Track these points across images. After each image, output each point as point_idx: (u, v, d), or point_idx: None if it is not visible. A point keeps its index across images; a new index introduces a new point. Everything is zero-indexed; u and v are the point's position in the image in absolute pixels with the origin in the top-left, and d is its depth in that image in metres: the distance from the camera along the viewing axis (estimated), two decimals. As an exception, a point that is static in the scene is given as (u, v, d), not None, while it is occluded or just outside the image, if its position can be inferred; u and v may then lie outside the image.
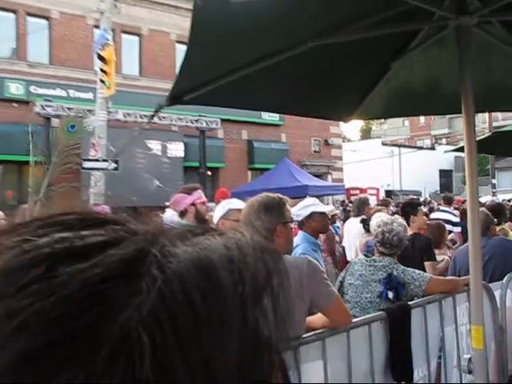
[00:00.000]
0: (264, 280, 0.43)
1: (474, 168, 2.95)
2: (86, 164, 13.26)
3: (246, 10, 2.21)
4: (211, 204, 6.05)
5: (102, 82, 13.43)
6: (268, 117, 20.74)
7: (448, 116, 41.97)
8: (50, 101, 16.47)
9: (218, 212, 4.09)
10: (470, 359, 3.22)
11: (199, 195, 4.66)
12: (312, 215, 5.06)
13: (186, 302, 0.38)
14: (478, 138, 7.40)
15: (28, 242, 0.40)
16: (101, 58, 13.18)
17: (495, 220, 6.50)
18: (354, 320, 3.48)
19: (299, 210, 5.03)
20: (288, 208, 3.09)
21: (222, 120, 19.62)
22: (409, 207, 6.39)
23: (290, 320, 0.46)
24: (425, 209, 10.54)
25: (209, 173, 20.05)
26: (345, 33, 2.93)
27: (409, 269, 4.13)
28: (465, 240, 7.07)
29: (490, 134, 7.64)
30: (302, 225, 5.03)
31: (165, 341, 0.36)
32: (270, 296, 0.43)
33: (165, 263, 0.39)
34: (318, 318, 3.20)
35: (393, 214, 8.06)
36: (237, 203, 4.06)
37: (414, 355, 3.79)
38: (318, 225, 5.15)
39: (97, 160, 13.37)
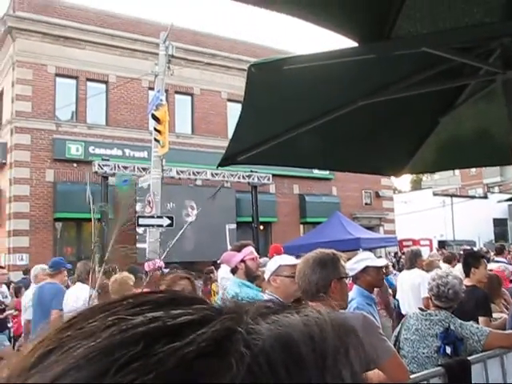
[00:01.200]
0: (342, 355, 0.46)
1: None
2: (142, 221, 13.54)
3: (297, 75, 2.32)
4: (264, 259, 6.11)
5: (157, 140, 13.84)
6: (319, 171, 20.86)
7: (501, 164, 41.10)
8: (107, 160, 17.02)
9: (269, 267, 4.14)
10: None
11: (249, 251, 4.74)
12: (366, 269, 5.05)
13: (272, 376, 0.41)
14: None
15: (124, 321, 0.43)
16: (155, 118, 13.62)
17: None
18: (412, 376, 3.43)
19: (353, 263, 5.02)
20: (342, 263, 3.12)
21: (274, 175, 19.83)
22: (471, 258, 6.29)
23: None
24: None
25: (261, 227, 20.14)
26: (392, 91, 3.01)
27: (466, 323, 4.06)
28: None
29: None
30: (356, 279, 5.02)
31: None
32: (348, 371, 0.46)
33: (250, 340, 0.42)
34: (374, 374, 3.18)
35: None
36: (288, 259, 4.11)
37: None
38: (372, 279, 5.11)
39: (152, 217, 13.65)
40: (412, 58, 2.82)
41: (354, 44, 2.19)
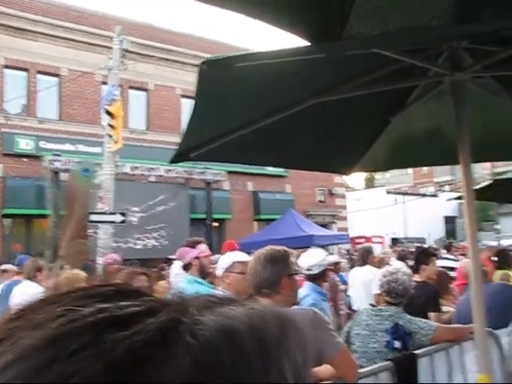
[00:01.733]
0: (284, 346, 0.49)
1: (472, 216, 3.04)
2: (93, 217, 13.36)
3: (248, 72, 2.33)
4: (217, 256, 6.11)
5: (110, 136, 13.67)
6: (273, 168, 20.97)
7: (451, 163, 42.02)
8: (58, 155, 16.70)
9: (222, 264, 4.15)
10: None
11: (203, 249, 4.74)
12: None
13: (217, 365, 0.43)
14: (478, 186, 7.53)
15: (73, 312, 0.44)
16: (108, 113, 13.46)
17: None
18: (361, 370, 3.49)
19: (314, 265, 5.06)
20: (293, 260, 3.15)
21: (228, 172, 19.82)
22: (422, 255, 6.43)
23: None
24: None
25: (215, 224, 20.13)
26: (343, 90, 3.06)
27: (415, 318, 4.16)
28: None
29: (490, 181, 7.72)
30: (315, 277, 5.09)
31: None
32: (289, 360, 0.48)
33: (196, 331, 0.44)
34: (324, 369, 3.22)
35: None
36: (241, 256, 4.13)
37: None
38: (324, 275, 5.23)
39: (104, 213, 13.48)
40: (363, 58, 2.86)
41: (307, 43, 2.22)
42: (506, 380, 4.72)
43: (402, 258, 10.74)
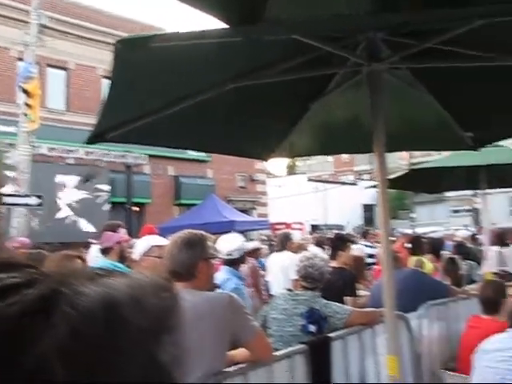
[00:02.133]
0: (162, 315, 0.50)
1: (385, 204, 3.13)
2: (7, 199, 12.87)
3: (167, 53, 2.28)
4: (135, 240, 6.03)
5: (26, 115, 13.17)
6: (194, 153, 20.83)
7: (370, 152, 43.10)
8: (-31, 134, 15.95)
9: (140, 248, 4.10)
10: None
11: (123, 232, 4.67)
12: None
13: (94, 335, 0.43)
14: (394, 175, 7.77)
15: None
16: (24, 92, 12.96)
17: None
18: (276, 353, 3.54)
19: (234, 250, 5.08)
20: (210, 244, 3.14)
21: (149, 156, 19.55)
22: (339, 241, 6.57)
23: (187, 352, 0.53)
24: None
25: (136, 208, 19.84)
26: (263, 75, 3.06)
27: (331, 302, 4.25)
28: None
29: (405, 171, 7.99)
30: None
31: (76, 367, 0.42)
32: (168, 329, 0.50)
33: (75, 301, 0.44)
34: (240, 352, 3.25)
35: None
36: (159, 240, 4.09)
37: (336, 386, 3.90)
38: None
39: (18, 195, 13.01)
40: (283, 44, 2.87)
41: (226, 26, 2.20)
42: (413, 360, 4.92)
43: (319, 243, 10.97)
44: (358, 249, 8.07)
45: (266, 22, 2.25)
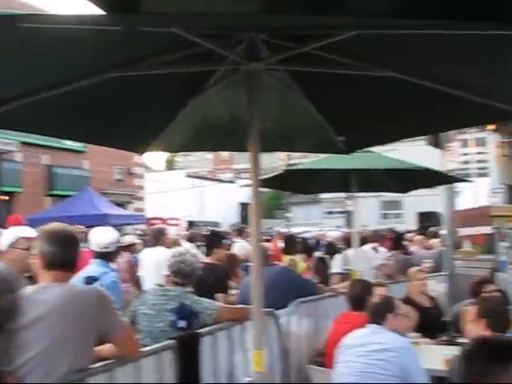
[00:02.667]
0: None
1: (257, 203, 3.19)
2: None
3: (43, 36, 2.18)
4: (1, 230, 5.72)
5: None
6: (71, 142, 20.12)
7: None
8: None
9: (6, 240, 3.92)
10: (251, 381, 3.42)
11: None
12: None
13: None
14: (271, 175, 7.94)
15: None
16: None
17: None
18: (144, 349, 3.50)
19: (110, 243, 4.97)
20: (79, 237, 3.08)
21: (22, 143, 18.62)
22: (215, 238, 6.62)
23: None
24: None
25: (4, 197, 18.85)
26: (142, 67, 3.01)
27: (201, 298, 4.27)
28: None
29: (281, 171, 8.19)
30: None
31: None
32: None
33: None
34: (107, 348, 3.18)
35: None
36: (27, 231, 3.93)
37: (205, 382, 3.91)
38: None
39: None
40: (163, 37, 2.82)
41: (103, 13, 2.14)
42: (281, 355, 5.06)
43: (191, 239, 11.01)
44: (241, 246, 8.16)
45: (145, 13, 2.21)
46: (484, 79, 3.03)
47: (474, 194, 22.33)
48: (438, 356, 4.51)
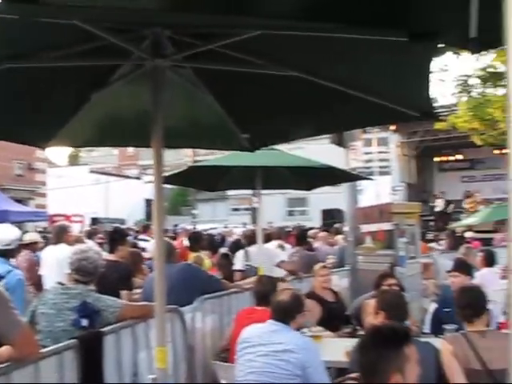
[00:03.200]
0: None
1: (160, 199, 3.19)
2: None
3: None
4: None
5: None
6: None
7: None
8: None
9: None
10: (154, 379, 3.40)
11: None
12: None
13: None
14: (176, 171, 7.90)
15: None
16: None
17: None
18: (44, 350, 3.41)
19: (12, 240, 4.80)
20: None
21: None
22: (117, 235, 6.50)
23: None
24: (129, 237, 10.79)
25: None
26: (44, 59, 2.93)
27: (103, 296, 4.19)
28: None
29: (185, 168, 8.16)
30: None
31: None
32: None
33: None
34: (4, 350, 3.07)
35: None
36: None
37: (108, 382, 3.85)
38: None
39: None
40: (68, 29, 2.76)
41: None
42: (186, 352, 5.07)
43: (90, 236, 10.79)
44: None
45: (45, 4, 2.16)
46: (381, 82, 3.18)
47: (376, 192, 23.18)
48: (340, 348, 4.66)
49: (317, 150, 14.90)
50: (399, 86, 3.16)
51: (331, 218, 21.50)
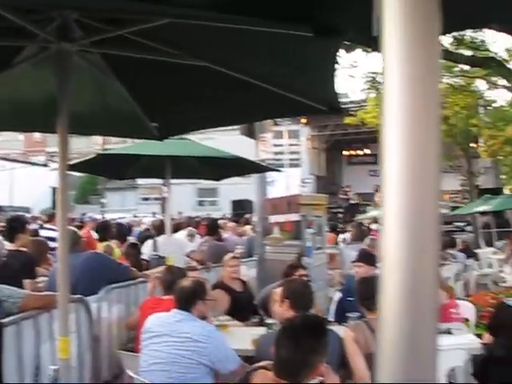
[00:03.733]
0: None
1: (64, 187, 3.12)
2: None
3: None
4: None
5: None
6: None
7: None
8: None
9: None
10: (56, 370, 3.33)
11: None
12: None
13: None
14: (83, 159, 7.73)
15: None
16: None
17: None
18: None
19: None
20: None
21: None
22: (16, 223, 6.27)
23: None
24: (35, 226, 10.42)
25: None
26: None
27: (3, 286, 4.06)
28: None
29: (93, 155, 7.99)
30: None
31: None
32: None
33: None
34: None
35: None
36: None
37: (8, 377, 3.71)
38: None
39: None
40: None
41: None
42: (91, 342, 4.99)
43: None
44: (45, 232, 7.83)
45: None
46: (287, 75, 3.25)
47: (286, 184, 23.57)
48: (247, 337, 4.74)
49: (227, 141, 14.96)
50: (305, 80, 3.25)
51: (241, 208, 21.66)
